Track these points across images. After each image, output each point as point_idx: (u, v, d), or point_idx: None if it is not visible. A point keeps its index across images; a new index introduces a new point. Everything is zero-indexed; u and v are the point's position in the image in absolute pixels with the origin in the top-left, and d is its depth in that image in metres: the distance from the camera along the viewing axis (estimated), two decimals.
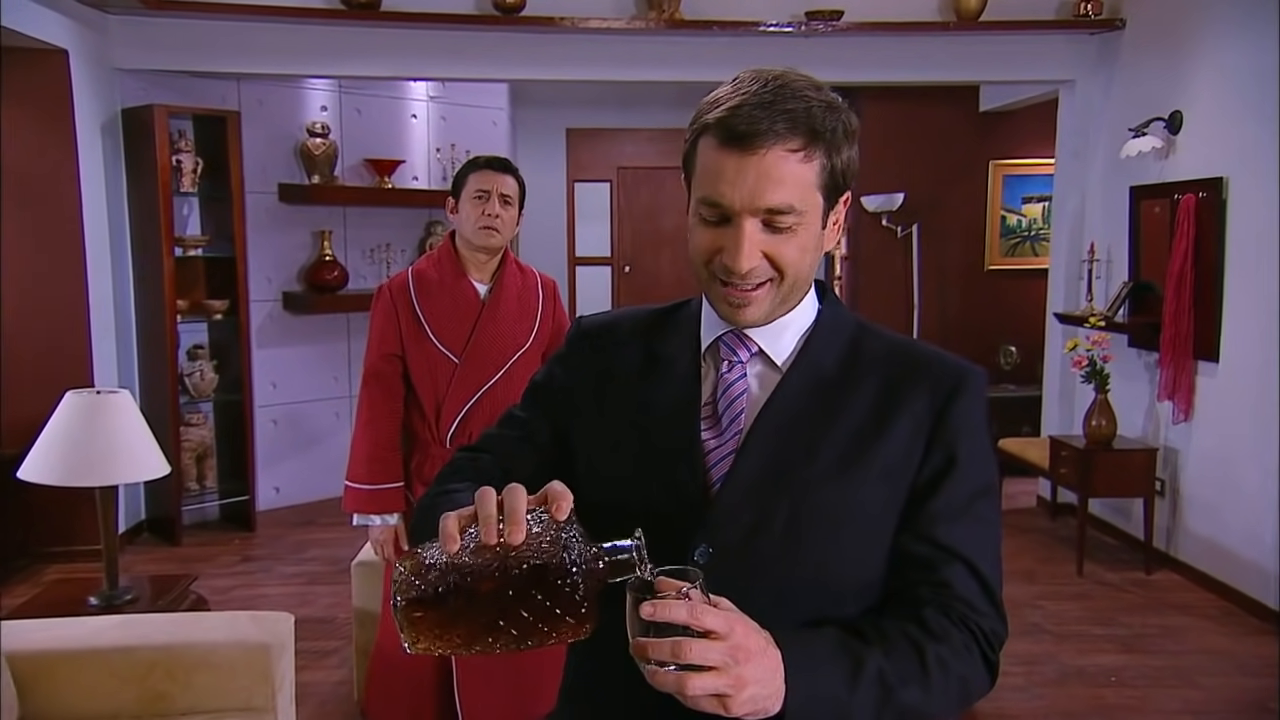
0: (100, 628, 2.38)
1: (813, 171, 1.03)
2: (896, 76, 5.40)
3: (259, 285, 5.42)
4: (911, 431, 1.05)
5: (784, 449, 1.05)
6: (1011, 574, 4.45)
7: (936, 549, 1.04)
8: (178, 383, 4.95)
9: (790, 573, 1.02)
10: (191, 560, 4.71)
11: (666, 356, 1.15)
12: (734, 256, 1.03)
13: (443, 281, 2.53)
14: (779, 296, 1.06)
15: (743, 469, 1.05)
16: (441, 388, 2.52)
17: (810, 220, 1.05)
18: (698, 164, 1.06)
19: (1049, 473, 4.99)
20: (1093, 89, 5.28)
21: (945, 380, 1.07)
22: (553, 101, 7.48)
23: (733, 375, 1.11)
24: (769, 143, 1.01)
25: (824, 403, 1.07)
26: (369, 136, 5.81)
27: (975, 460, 1.06)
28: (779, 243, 1.04)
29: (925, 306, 6.76)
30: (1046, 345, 5.73)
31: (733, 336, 1.11)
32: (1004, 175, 6.76)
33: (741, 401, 1.09)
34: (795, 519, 1.03)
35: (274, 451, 5.60)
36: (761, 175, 1.01)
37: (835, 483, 1.04)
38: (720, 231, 1.04)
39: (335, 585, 4.36)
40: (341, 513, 2.68)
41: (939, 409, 1.06)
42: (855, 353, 1.11)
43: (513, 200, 2.53)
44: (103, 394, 2.83)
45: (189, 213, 5.18)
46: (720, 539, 1.03)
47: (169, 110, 4.79)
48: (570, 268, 7.93)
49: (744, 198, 1.02)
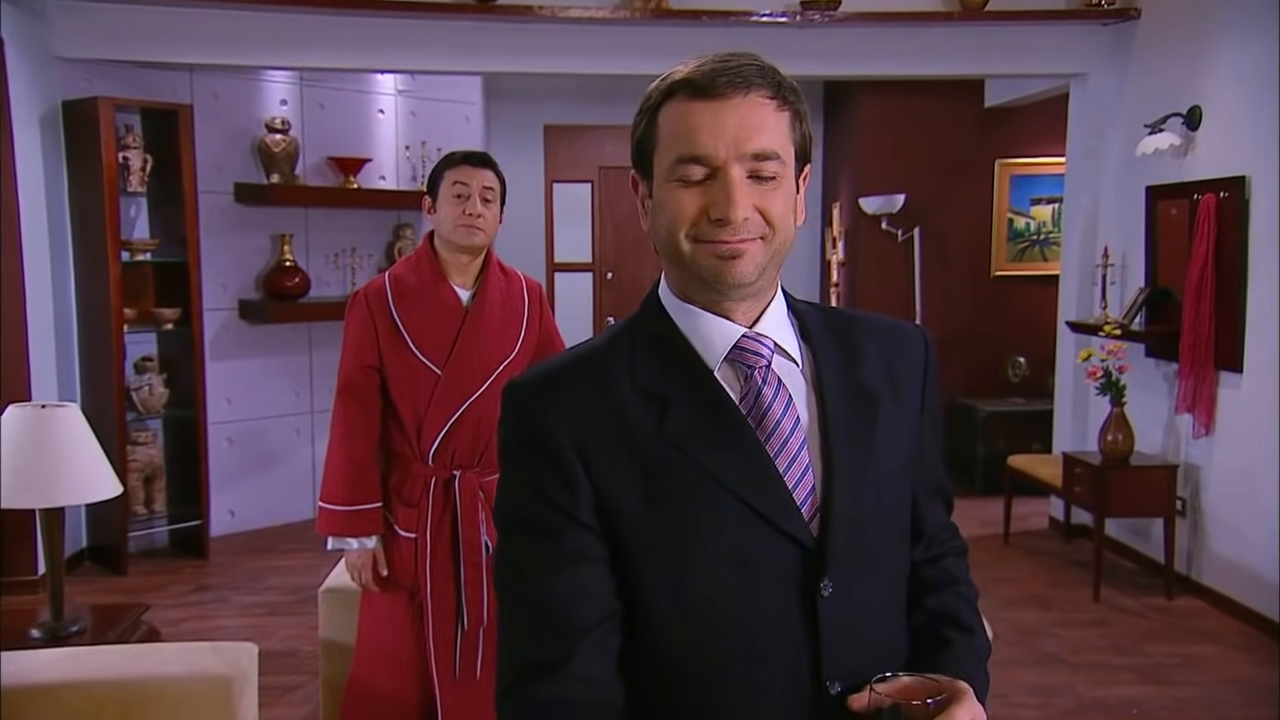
0: (47, 662, 2.35)
1: (785, 123, 1.08)
2: (897, 70, 5.42)
3: (213, 293, 5.39)
4: (913, 396, 1.18)
5: (856, 453, 1.11)
6: (1023, 600, 4.58)
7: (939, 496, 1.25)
8: (124, 398, 4.91)
9: (887, 556, 1.15)
10: (139, 591, 4.66)
11: (678, 390, 1.08)
12: (726, 204, 1.04)
13: (422, 287, 2.51)
14: (768, 255, 1.08)
15: (840, 490, 1.09)
16: (423, 401, 2.50)
17: (789, 175, 1.08)
18: (662, 132, 1.08)
19: (1062, 492, 5.00)
20: (1106, 83, 5.33)
21: (918, 341, 1.21)
22: (530, 96, 7.49)
23: (770, 387, 1.10)
24: (744, 89, 1.05)
25: (859, 397, 1.13)
26: (333, 133, 5.80)
27: (937, 406, 1.24)
28: (766, 194, 1.06)
29: (928, 315, 6.78)
30: (1058, 356, 5.76)
31: (749, 341, 1.10)
32: (1011, 175, 6.79)
33: (791, 414, 1.09)
34: (883, 517, 1.13)
35: (229, 472, 5.55)
36: (742, 120, 1.04)
37: (896, 469, 1.15)
38: (703, 188, 1.05)
39: (297, 616, 4.34)
40: (303, 538, 2.67)
41: (923, 369, 1.20)
42: (838, 335, 1.17)
43: (494, 197, 2.52)
44: (49, 408, 2.81)
45: (137, 214, 5.15)
46: (838, 567, 1.08)
47: (115, 103, 4.76)
48: (548, 274, 7.92)
49: (728, 144, 1.04)
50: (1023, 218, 6.84)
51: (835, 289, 7.41)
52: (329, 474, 2.57)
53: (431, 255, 2.55)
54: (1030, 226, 6.84)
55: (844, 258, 7.22)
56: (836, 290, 7.38)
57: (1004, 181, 6.80)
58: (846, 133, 7.26)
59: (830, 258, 7.54)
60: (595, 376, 1.09)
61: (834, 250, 7.42)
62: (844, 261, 7.23)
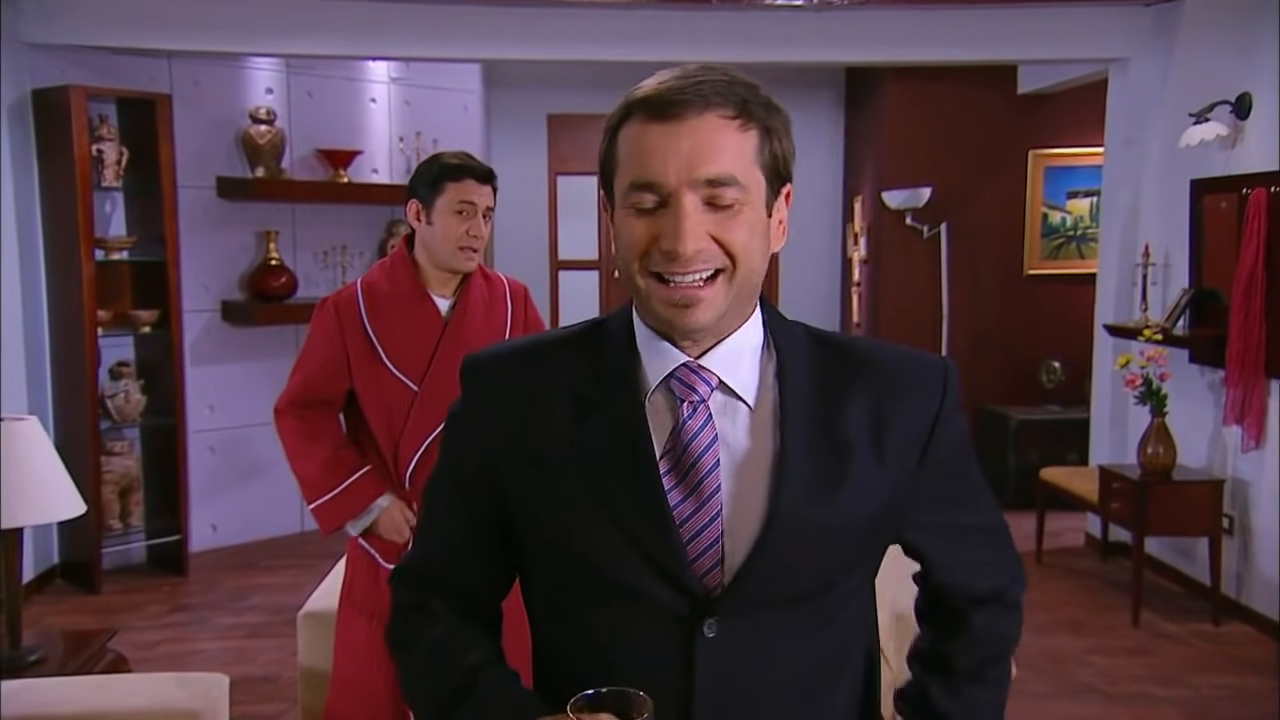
0: None
1: (750, 144, 1.05)
2: (923, 55, 5.39)
3: (194, 293, 5.39)
4: (910, 446, 1.13)
5: (809, 507, 1.08)
6: (1056, 624, 4.51)
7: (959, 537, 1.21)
8: (98, 406, 4.91)
9: (822, 605, 1.12)
10: (113, 611, 4.66)
11: (602, 402, 1.11)
12: (675, 237, 1.02)
13: (398, 296, 2.47)
14: (731, 293, 1.06)
15: (763, 539, 1.07)
16: (398, 421, 2.46)
17: (754, 201, 1.06)
18: (620, 155, 1.07)
19: (1099, 508, 4.96)
20: (1148, 68, 5.28)
21: (933, 385, 1.15)
22: (532, 84, 7.48)
23: (696, 421, 1.09)
24: (700, 108, 1.03)
25: (828, 446, 1.10)
26: (321, 123, 5.80)
27: (965, 443, 1.19)
28: (724, 221, 1.04)
29: (955, 317, 6.75)
30: (1095, 361, 5.72)
31: (686, 371, 1.10)
32: (1046, 167, 6.76)
33: (712, 454, 1.09)
34: (822, 568, 1.10)
35: (210, 484, 5.55)
36: (697, 143, 1.03)
37: (862, 525, 1.11)
38: (655, 218, 1.04)
39: (279, 639, 4.32)
40: (289, 554, 2.63)
41: (933, 416, 1.14)
42: (822, 374, 1.13)
43: (492, 213, 2.49)
44: (6, 420, 2.77)
45: (112, 210, 5.16)
46: (732, 611, 1.08)
47: (88, 92, 4.76)
48: (552, 272, 7.89)
49: (679, 169, 1.02)
50: (1058, 212, 6.80)
51: (857, 288, 7.37)
52: (303, 477, 2.52)
53: (409, 262, 2.51)
54: (1066, 222, 6.81)
55: (866, 255, 7.21)
56: (858, 290, 7.35)
57: (1038, 173, 6.76)
58: (869, 122, 7.25)
59: (851, 255, 7.52)
60: (541, 367, 1.15)
61: (855, 247, 7.41)
62: (866, 259, 7.21)
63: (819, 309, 7.83)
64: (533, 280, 7.37)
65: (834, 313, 7.88)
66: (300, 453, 2.52)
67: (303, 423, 2.52)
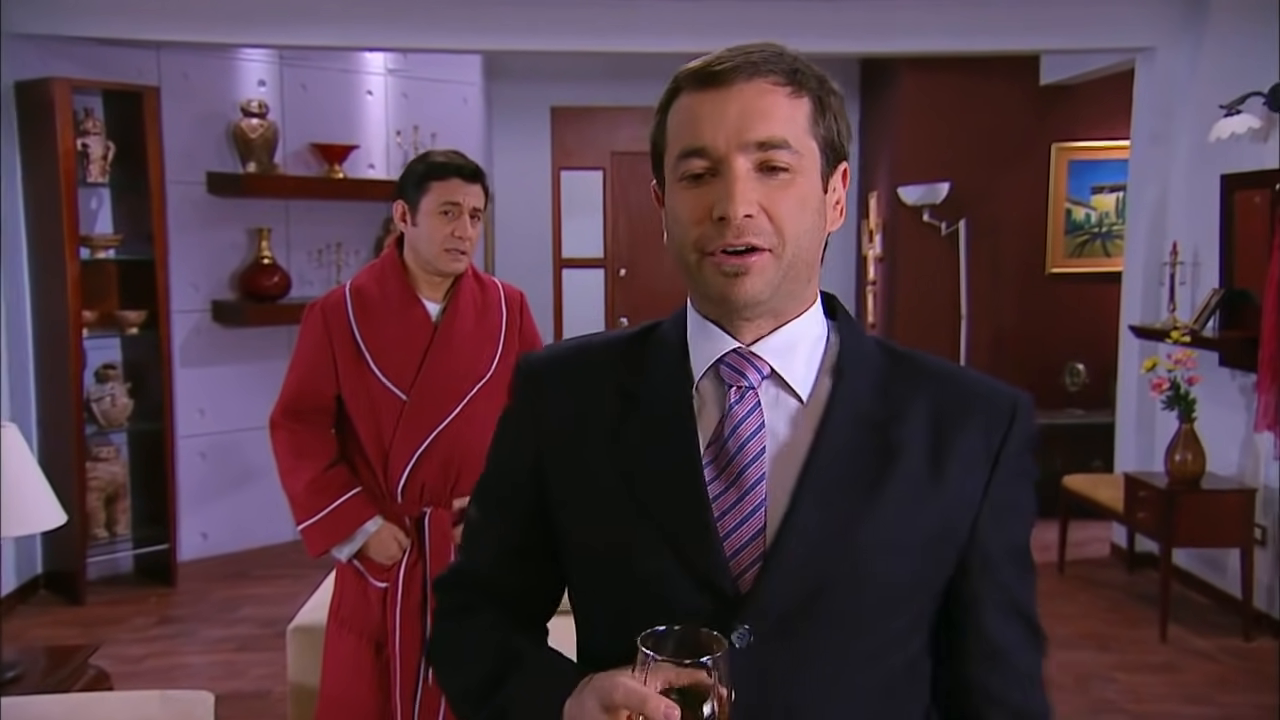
0: None
1: (803, 111, 1.06)
2: (941, 45, 5.37)
3: (183, 293, 5.38)
4: (969, 474, 1.09)
5: (839, 507, 1.05)
6: (1079, 639, 4.48)
7: (1011, 612, 1.13)
8: (84, 410, 4.91)
9: (868, 629, 1.07)
10: (98, 623, 4.66)
11: (648, 395, 1.12)
12: (726, 202, 1.03)
13: (387, 301, 2.47)
14: (780, 271, 1.06)
15: (796, 537, 1.04)
16: (387, 430, 2.45)
17: (808, 170, 1.07)
18: (669, 130, 1.09)
19: (1124, 517, 4.93)
20: (1177, 58, 5.24)
21: (999, 412, 1.11)
22: (535, 75, 7.46)
23: (744, 407, 1.09)
24: (749, 74, 1.05)
25: (873, 447, 1.08)
26: (316, 117, 5.80)
27: (1029, 502, 1.14)
28: (775, 191, 1.05)
29: (975, 317, 6.72)
30: (1120, 364, 5.69)
31: (736, 357, 1.09)
32: (1069, 161, 6.73)
33: (757, 441, 1.07)
34: (864, 583, 1.05)
35: (201, 491, 5.55)
36: (746, 106, 1.04)
37: (906, 541, 1.07)
38: (707, 187, 1.05)
39: (271, 652, 4.29)
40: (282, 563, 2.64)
41: (996, 448, 1.10)
42: (887, 381, 1.12)
43: (481, 214, 2.48)
44: None
45: (98, 207, 5.16)
46: (767, 621, 1.04)
47: (73, 84, 4.76)
48: (556, 271, 7.87)
49: (729, 132, 1.04)
50: (1082, 208, 6.77)
51: (872, 287, 7.36)
52: (292, 498, 2.51)
53: (399, 266, 2.51)
54: (1090, 218, 6.78)
55: (881, 253, 7.19)
56: (873, 289, 7.33)
57: (1061, 168, 6.74)
58: (885, 115, 7.22)
59: (866, 253, 7.50)
60: (592, 367, 1.16)
61: (870, 245, 7.39)
62: (881, 257, 7.19)
63: None
64: (536, 279, 7.51)
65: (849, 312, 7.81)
66: (289, 470, 2.51)
67: (294, 437, 2.51)
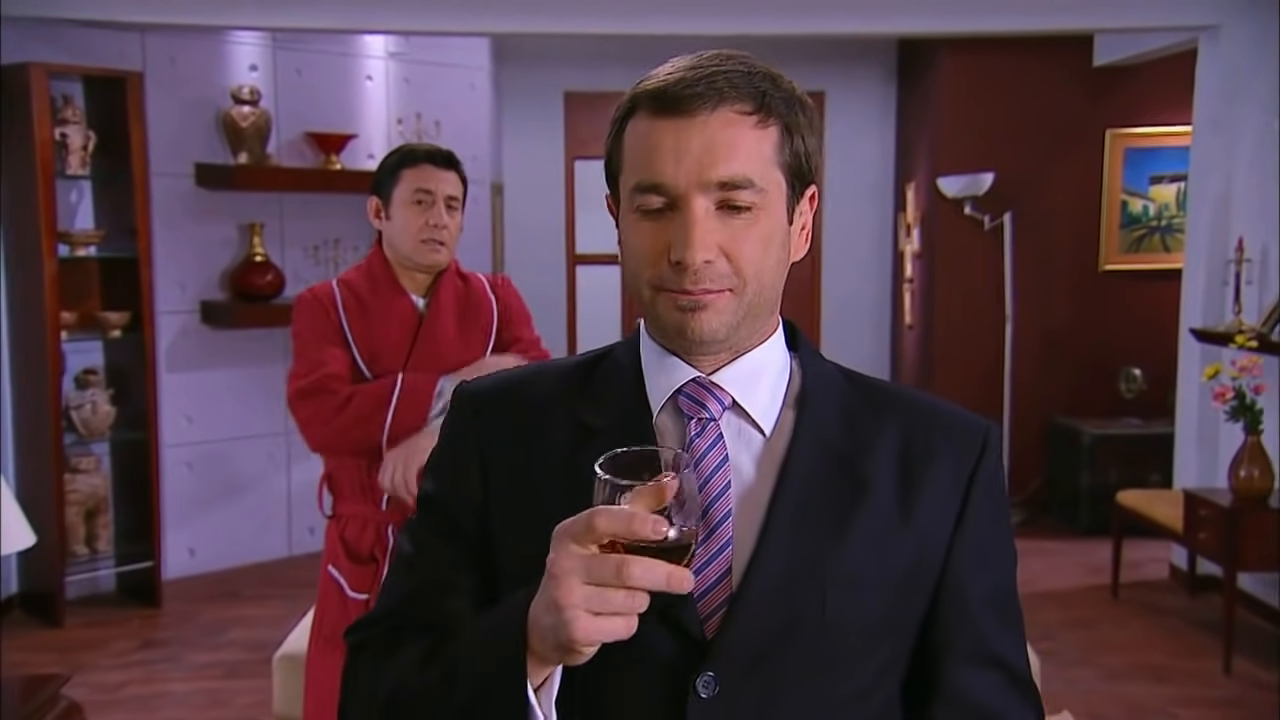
0: None
1: (770, 142, 1.06)
2: (985, 24, 5.36)
3: (169, 293, 5.39)
4: (939, 508, 1.12)
5: (807, 545, 1.07)
6: (1135, 670, 4.42)
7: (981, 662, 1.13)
8: (62, 418, 4.91)
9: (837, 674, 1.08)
10: (76, 647, 4.65)
11: (604, 426, 1.12)
12: (683, 246, 1.03)
13: (377, 295, 2.57)
14: (740, 310, 1.07)
15: (762, 580, 1.05)
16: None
17: (772, 205, 1.07)
18: (626, 151, 1.09)
19: (1184, 537, 4.86)
20: (1242, 37, 5.17)
21: (968, 444, 1.14)
22: (547, 59, 7.46)
23: (705, 440, 1.10)
24: (713, 103, 1.03)
25: (841, 481, 1.10)
26: (311, 104, 5.81)
27: (1006, 541, 1.17)
28: (737, 233, 1.05)
29: (1021, 319, 6.68)
30: (1180, 370, 5.64)
31: (696, 387, 1.11)
32: (1125, 149, 6.69)
33: (721, 476, 1.09)
34: (832, 624, 1.07)
35: (188, 504, 5.55)
36: (710, 140, 1.03)
37: (874, 578, 1.09)
38: (663, 223, 1.06)
39: (260, 679, 4.24)
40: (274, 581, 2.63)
41: (965, 480, 1.13)
42: (853, 412, 1.14)
43: (458, 204, 2.56)
44: None
45: (78, 201, 5.17)
46: (733, 666, 1.05)
47: (50, 70, 4.77)
48: (569, 267, 7.86)
49: (689, 169, 1.03)
50: (1139, 199, 6.73)
51: (909, 285, 7.33)
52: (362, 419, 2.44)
53: (385, 264, 2.61)
54: (1148, 210, 6.74)
55: (919, 249, 7.14)
56: (910, 287, 7.31)
57: (1116, 156, 6.70)
58: (924, 100, 7.19)
59: (904, 249, 7.47)
60: (540, 397, 1.16)
61: (908, 240, 7.35)
62: (919, 253, 7.15)
63: (866, 309, 7.80)
64: (547, 276, 7.50)
65: (884, 313, 7.83)
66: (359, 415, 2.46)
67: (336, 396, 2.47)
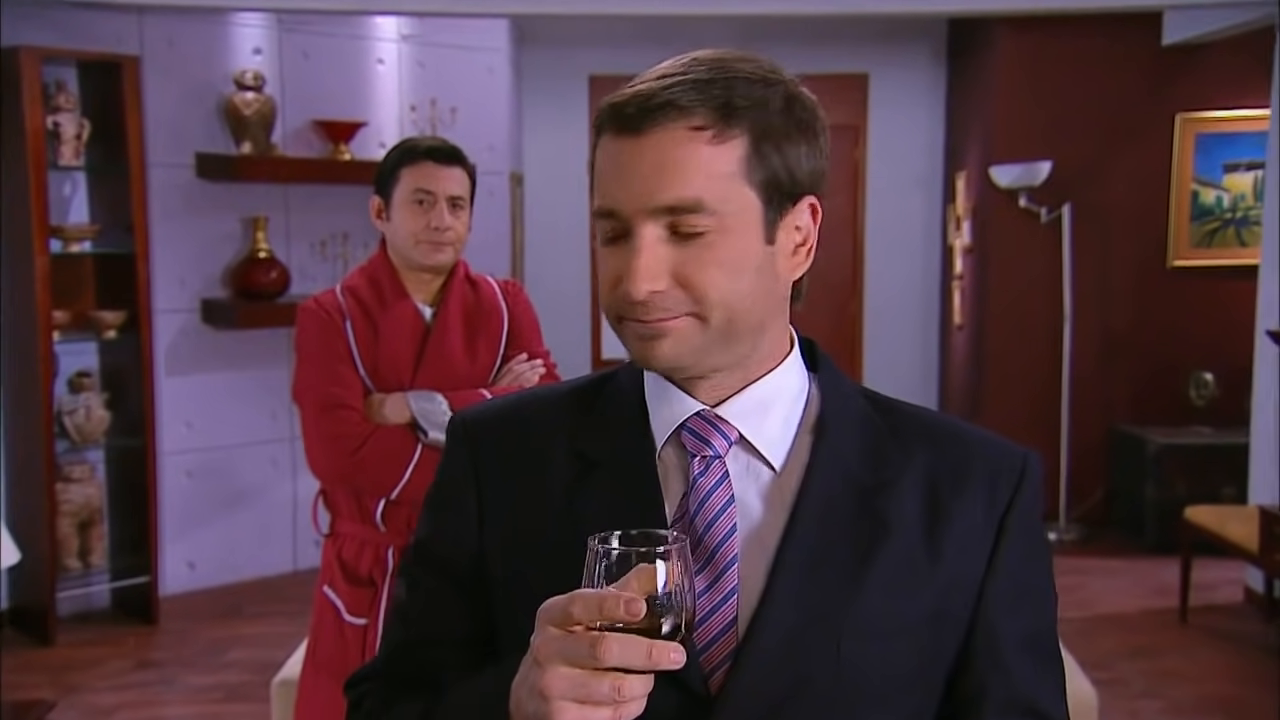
0: None
1: (730, 157, 1.03)
2: (1045, 2, 5.38)
3: (169, 291, 5.40)
4: (971, 547, 1.10)
5: (821, 591, 1.06)
6: (1204, 702, 4.36)
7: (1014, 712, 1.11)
8: (54, 424, 4.93)
9: None
10: (67, 668, 4.66)
11: (607, 461, 1.12)
12: (628, 279, 1.03)
13: (383, 305, 2.56)
14: (706, 336, 1.06)
15: (770, 632, 1.05)
16: None
17: (736, 226, 1.04)
18: (595, 172, 1.09)
19: (1259, 558, 4.78)
20: None
21: (1005, 476, 1.13)
22: (571, 40, 7.47)
23: (709, 479, 1.10)
24: (667, 118, 1.02)
25: (860, 518, 1.09)
26: (319, 90, 5.81)
27: (1045, 581, 1.15)
28: (690, 258, 1.03)
29: (1081, 319, 6.61)
30: (1256, 374, 5.58)
31: (700, 421, 1.10)
32: (1196, 134, 6.62)
33: (727, 518, 1.08)
34: (851, 676, 1.06)
35: (187, 515, 5.56)
36: (659, 161, 1.02)
37: (888, 632, 1.07)
38: (620, 250, 1.05)
39: (260, 703, 4.23)
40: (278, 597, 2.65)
41: (1000, 515, 1.12)
42: (877, 441, 1.13)
43: (465, 202, 2.54)
44: None
45: (72, 193, 5.18)
46: None
47: (42, 54, 4.78)
48: (594, 263, 7.78)
49: (635, 195, 1.03)
50: (1212, 189, 6.66)
51: (959, 282, 7.29)
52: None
53: (389, 267, 2.59)
54: (1223, 201, 6.67)
55: (970, 243, 7.10)
56: (960, 284, 7.28)
57: (1187, 142, 6.63)
58: (976, 84, 7.15)
59: (953, 243, 7.42)
60: (539, 426, 1.17)
61: (958, 233, 7.30)
62: (970, 248, 7.10)
63: (912, 307, 7.76)
64: (571, 272, 7.46)
65: (931, 312, 7.78)
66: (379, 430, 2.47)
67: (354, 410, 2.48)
